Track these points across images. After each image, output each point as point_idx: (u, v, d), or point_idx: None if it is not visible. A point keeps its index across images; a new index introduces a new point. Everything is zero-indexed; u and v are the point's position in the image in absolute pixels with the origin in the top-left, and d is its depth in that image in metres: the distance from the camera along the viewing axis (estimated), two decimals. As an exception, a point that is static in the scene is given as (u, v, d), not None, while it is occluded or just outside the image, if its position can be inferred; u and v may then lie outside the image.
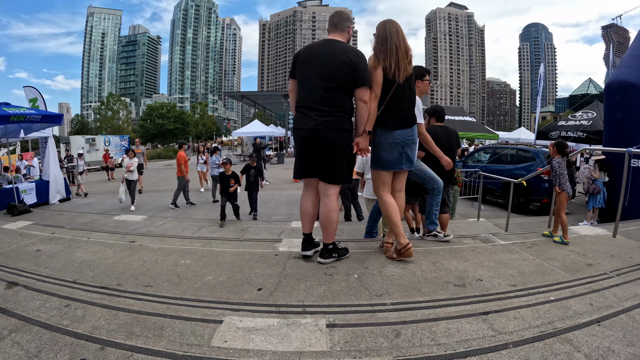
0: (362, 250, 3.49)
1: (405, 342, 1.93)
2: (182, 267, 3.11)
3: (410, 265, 3.07)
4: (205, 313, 2.26)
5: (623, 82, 6.05)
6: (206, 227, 6.01)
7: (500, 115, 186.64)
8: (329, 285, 2.66)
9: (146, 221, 6.53)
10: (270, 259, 3.27)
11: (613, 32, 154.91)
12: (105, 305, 2.39)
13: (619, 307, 2.30)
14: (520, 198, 8.22)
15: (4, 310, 2.31)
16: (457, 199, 6.71)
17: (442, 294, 2.51)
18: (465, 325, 2.07)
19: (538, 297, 2.44)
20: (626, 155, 4.11)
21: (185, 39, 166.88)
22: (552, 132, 10.01)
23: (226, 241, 4.27)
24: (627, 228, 4.36)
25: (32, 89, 10.15)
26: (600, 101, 9.98)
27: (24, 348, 1.89)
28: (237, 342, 1.93)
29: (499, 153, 9.99)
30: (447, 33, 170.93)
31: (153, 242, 3.94)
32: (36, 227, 4.87)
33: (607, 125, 6.49)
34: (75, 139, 26.32)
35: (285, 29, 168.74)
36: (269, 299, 2.47)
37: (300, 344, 1.91)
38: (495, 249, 3.53)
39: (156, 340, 1.96)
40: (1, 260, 3.39)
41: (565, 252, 3.43)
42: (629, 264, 3.10)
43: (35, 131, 8.72)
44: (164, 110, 55.58)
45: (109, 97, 56.79)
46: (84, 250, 3.68)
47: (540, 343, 1.90)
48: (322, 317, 2.19)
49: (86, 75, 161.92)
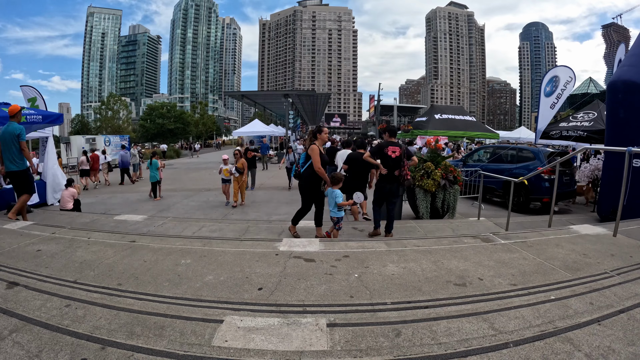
0: (362, 250, 3.50)
1: (405, 341, 1.93)
2: (183, 267, 3.11)
3: (410, 264, 3.07)
4: (206, 313, 2.26)
5: (626, 81, 6.02)
6: (207, 227, 6.00)
7: (500, 114, 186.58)
8: (330, 285, 2.66)
9: (146, 221, 6.52)
10: (271, 259, 3.27)
11: (613, 31, 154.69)
12: (105, 305, 2.39)
13: (620, 306, 2.30)
14: (521, 197, 8.21)
15: (5, 311, 2.31)
16: (457, 198, 6.69)
17: (442, 294, 2.51)
18: (465, 325, 2.08)
19: (538, 297, 2.44)
20: (627, 155, 4.10)
21: (185, 38, 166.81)
22: (552, 131, 9.99)
23: (226, 240, 4.27)
24: (627, 227, 4.36)
25: (31, 89, 10.09)
26: (600, 100, 9.97)
27: (24, 348, 1.89)
28: (238, 342, 1.93)
29: (499, 152, 9.98)
30: (447, 32, 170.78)
31: (153, 242, 3.94)
32: (37, 227, 4.87)
33: (609, 124, 6.47)
34: (76, 138, 26.28)
35: (285, 29, 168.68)
36: (270, 298, 2.47)
37: (300, 344, 1.91)
38: (496, 248, 3.53)
39: (157, 340, 1.96)
40: (2, 260, 3.40)
41: (565, 252, 3.42)
42: (630, 263, 3.10)
43: (35, 131, 8.71)
44: (164, 110, 55.58)
45: (109, 97, 56.73)
46: (85, 250, 3.68)
47: (541, 342, 1.90)
48: (323, 317, 2.19)
49: (86, 75, 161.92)
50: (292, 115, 27.90)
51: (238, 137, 28.72)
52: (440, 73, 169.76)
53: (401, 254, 3.36)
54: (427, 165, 6.53)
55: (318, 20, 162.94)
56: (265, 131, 27.04)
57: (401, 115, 33.30)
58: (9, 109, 5.72)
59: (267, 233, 5.55)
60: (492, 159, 9.96)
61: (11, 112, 5.68)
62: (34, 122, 7.29)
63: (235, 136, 32.74)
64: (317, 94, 32.62)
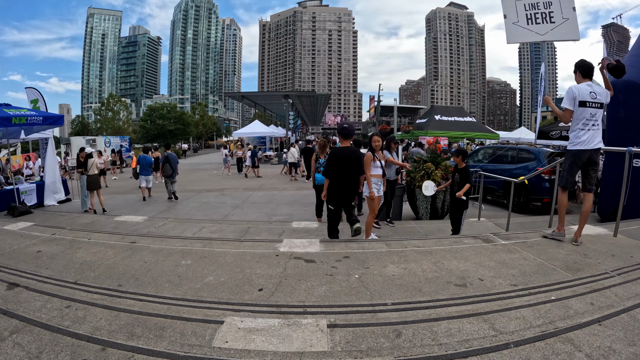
0: (362, 251, 3.50)
1: (406, 342, 1.93)
2: (183, 268, 3.11)
3: (411, 265, 3.07)
4: (206, 314, 2.26)
5: (627, 81, 6.02)
6: (207, 228, 6.00)
7: (500, 114, 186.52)
8: (330, 286, 2.66)
9: (147, 222, 6.52)
10: (271, 259, 3.27)
11: (613, 31, 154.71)
12: (106, 306, 2.40)
13: (620, 306, 2.29)
14: (521, 197, 8.21)
15: (5, 312, 2.31)
16: (457, 198, 6.70)
17: (443, 294, 2.51)
18: (466, 325, 2.07)
19: (539, 297, 2.44)
20: (627, 155, 4.09)
21: (186, 39, 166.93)
22: (552, 131, 9.99)
23: (227, 241, 4.27)
24: (628, 227, 4.35)
25: (34, 90, 10.13)
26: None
27: (25, 349, 1.89)
28: (238, 343, 1.93)
29: (499, 153, 9.98)
30: (447, 33, 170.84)
31: (154, 243, 3.94)
32: (37, 228, 4.87)
33: (609, 125, 6.47)
34: (76, 139, 26.34)
35: (286, 29, 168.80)
36: (270, 299, 2.47)
37: (301, 345, 1.91)
38: (496, 249, 3.53)
39: (157, 341, 1.96)
40: (2, 261, 3.40)
41: (566, 252, 3.42)
42: (630, 263, 3.09)
43: (36, 132, 8.72)
44: (164, 111, 55.56)
45: (110, 98, 56.81)
46: (85, 251, 3.68)
47: (542, 343, 1.90)
48: (323, 318, 2.19)
49: (86, 76, 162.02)
50: (292, 116, 27.89)
51: (238, 137, 28.73)
52: (440, 73, 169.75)
53: (401, 255, 3.36)
54: (427, 165, 6.53)
55: (318, 21, 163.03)
56: (265, 132, 27.04)
57: (401, 116, 33.26)
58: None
59: (267, 234, 5.55)
60: (492, 159, 9.96)
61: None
62: (35, 124, 7.30)
63: (235, 137, 32.71)
64: (317, 94, 32.65)
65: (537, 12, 7.81)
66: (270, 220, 7.16)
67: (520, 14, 7.84)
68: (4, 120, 6.56)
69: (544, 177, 7.76)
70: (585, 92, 3.58)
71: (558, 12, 7.42)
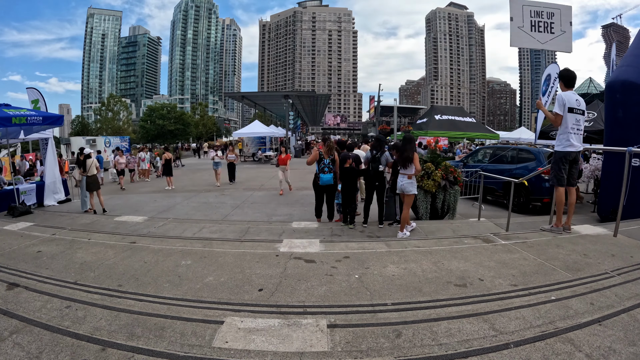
0: (362, 251, 3.50)
1: (406, 342, 1.93)
2: (183, 268, 3.11)
3: (411, 265, 3.07)
4: (206, 314, 2.26)
5: (625, 81, 6.03)
6: (207, 228, 6.00)
7: (500, 115, 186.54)
8: (330, 286, 2.66)
9: (147, 222, 6.52)
10: (271, 260, 3.27)
11: (613, 31, 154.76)
12: (106, 306, 2.40)
13: (620, 306, 2.29)
14: (521, 198, 8.20)
15: (5, 312, 2.31)
16: (457, 199, 6.69)
17: (443, 294, 2.51)
18: (466, 325, 2.07)
19: (539, 297, 2.44)
20: (627, 155, 4.10)
21: (186, 39, 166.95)
22: (552, 131, 9.98)
23: (227, 242, 4.27)
24: (627, 227, 4.35)
25: (35, 91, 10.15)
26: (600, 100, 9.96)
27: (25, 349, 1.89)
28: (238, 343, 1.93)
29: (499, 153, 9.98)
30: (447, 33, 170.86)
31: (154, 243, 3.94)
32: (37, 228, 4.87)
33: (607, 125, 6.47)
34: (76, 140, 26.36)
35: (285, 30, 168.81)
36: (270, 299, 2.47)
37: (301, 345, 1.91)
38: (496, 249, 3.53)
39: (157, 341, 1.96)
40: (2, 261, 3.40)
41: (566, 252, 3.42)
42: (630, 263, 3.09)
43: (36, 132, 8.72)
44: (164, 111, 55.61)
45: (110, 98, 56.85)
46: (85, 251, 3.68)
47: (542, 343, 1.90)
48: (323, 318, 2.19)
49: (86, 77, 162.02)
50: (292, 116, 27.90)
51: (238, 137, 28.74)
52: (440, 74, 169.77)
53: (401, 255, 3.36)
54: (427, 165, 6.53)
55: (318, 21, 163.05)
56: (265, 132, 27.05)
57: (401, 116, 33.27)
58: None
59: (267, 234, 5.54)
60: (492, 159, 9.96)
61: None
62: (34, 124, 7.30)
63: (235, 137, 32.73)
64: (317, 94, 32.67)
65: (541, 21, 7.99)
66: (270, 220, 7.16)
67: (526, 20, 8.02)
68: (4, 120, 6.56)
69: (544, 177, 7.75)
70: (572, 100, 4.13)
71: (558, 24, 7.65)
